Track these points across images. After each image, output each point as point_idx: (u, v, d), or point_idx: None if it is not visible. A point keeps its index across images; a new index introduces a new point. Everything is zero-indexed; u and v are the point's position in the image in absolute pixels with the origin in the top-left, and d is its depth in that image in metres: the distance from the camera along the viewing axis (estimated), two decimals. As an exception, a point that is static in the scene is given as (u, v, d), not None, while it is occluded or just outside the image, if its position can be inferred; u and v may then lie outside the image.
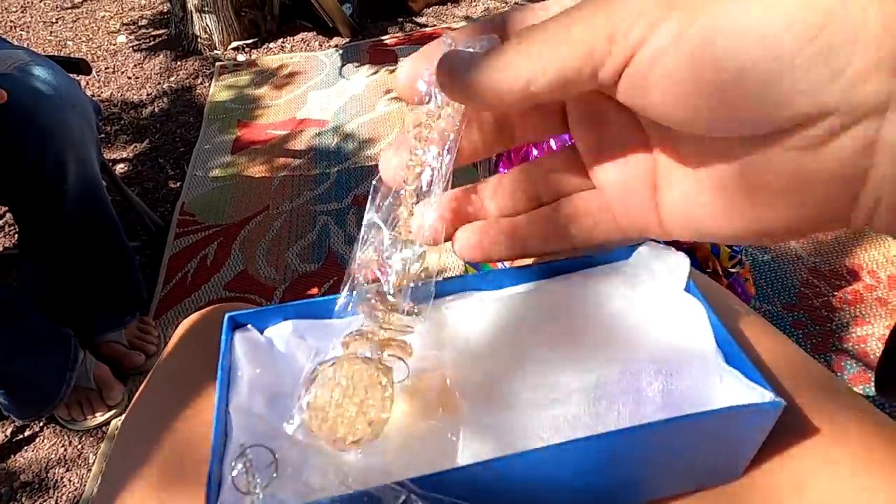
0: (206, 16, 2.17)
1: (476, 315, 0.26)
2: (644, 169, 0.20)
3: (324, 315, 0.27)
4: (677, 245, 0.61)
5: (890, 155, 0.15)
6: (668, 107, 0.17)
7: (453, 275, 0.44)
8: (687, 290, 0.26)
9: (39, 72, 0.93)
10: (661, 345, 0.24)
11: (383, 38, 2.16)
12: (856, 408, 0.26)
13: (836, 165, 0.16)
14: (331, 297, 0.27)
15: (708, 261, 0.62)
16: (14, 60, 0.93)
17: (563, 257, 0.26)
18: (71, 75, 1.09)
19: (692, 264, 0.27)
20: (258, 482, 0.20)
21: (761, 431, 0.23)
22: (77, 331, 1.12)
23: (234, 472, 0.20)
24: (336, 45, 2.17)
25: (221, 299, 1.30)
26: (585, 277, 0.27)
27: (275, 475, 0.20)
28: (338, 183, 1.54)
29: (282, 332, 0.27)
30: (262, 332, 0.27)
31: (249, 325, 0.27)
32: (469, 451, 0.23)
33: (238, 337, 0.26)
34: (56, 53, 2.56)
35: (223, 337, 0.26)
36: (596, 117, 0.20)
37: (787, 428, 0.25)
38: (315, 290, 1.27)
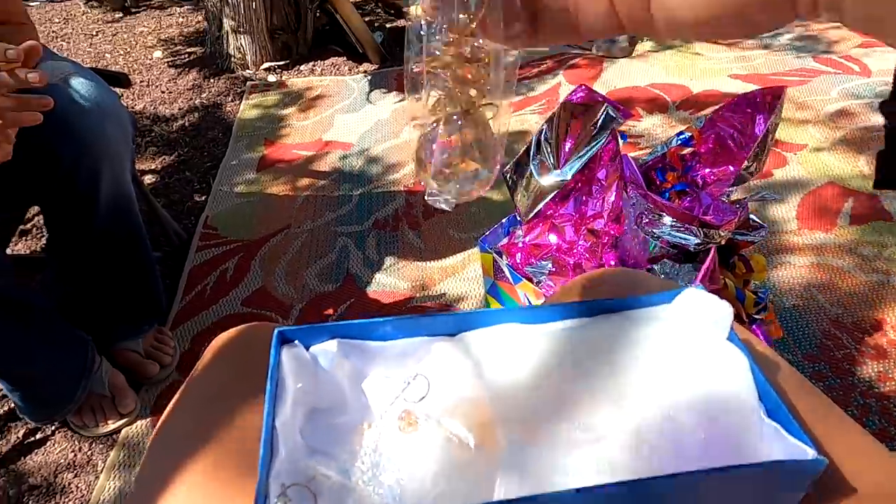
0: (241, 36, 2.23)
1: (518, 348, 0.27)
2: None
3: (368, 337, 0.28)
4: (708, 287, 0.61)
5: None
6: None
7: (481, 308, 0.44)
8: (729, 339, 0.26)
9: (82, 84, 0.96)
10: (703, 393, 0.24)
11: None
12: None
13: None
14: (375, 320, 0.28)
15: (733, 306, 0.61)
16: (61, 72, 0.96)
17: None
18: (111, 88, 1.12)
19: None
20: None
21: (801, 488, 0.23)
22: (95, 337, 1.13)
23: None
24: (365, 71, 2.22)
25: (238, 315, 1.31)
26: (628, 319, 0.27)
27: None
28: (359, 206, 1.56)
29: (326, 350, 0.27)
30: (307, 349, 0.28)
31: (296, 341, 0.28)
32: (506, 487, 0.23)
33: (285, 352, 0.27)
34: (94, 65, 2.64)
35: (272, 351, 0.26)
36: None
37: (827, 488, 0.25)
38: (331, 311, 1.28)
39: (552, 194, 0.70)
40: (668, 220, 0.57)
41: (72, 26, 3.16)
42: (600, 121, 0.67)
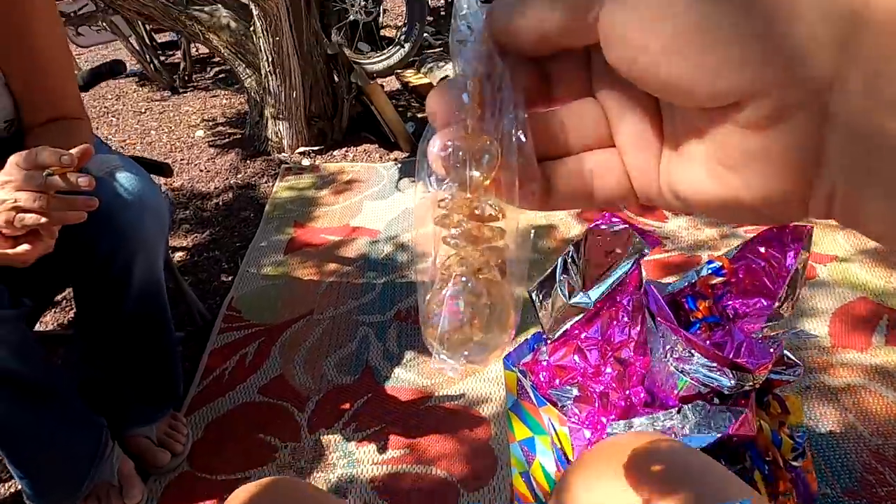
0: (280, 122, 2.34)
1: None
2: (654, 131, 0.20)
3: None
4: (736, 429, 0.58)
5: (840, 137, 0.15)
6: (625, 64, 0.18)
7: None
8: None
9: (127, 178, 1.00)
10: None
11: (441, 156, 2.27)
12: None
13: (786, 146, 0.16)
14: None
15: (768, 450, 0.59)
16: (108, 165, 1.01)
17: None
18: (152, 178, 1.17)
19: (751, 452, 0.25)
20: None
21: None
22: (109, 420, 1.12)
23: None
24: (395, 159, 2.29)
25: (254, 404, 1.29)
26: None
27: None
28: (382, 294, 1.57)
29: None
30: None
31: None
32: None
33: None
34: (139, 141, 2.77)
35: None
36: (614, 75, 0.20)
37: None
38: (347, 405, 1.25)
39: (578, 317, 0.69)
40: (698, 358, 0.56)
41: (123, 102, 3.35)
42: (626, 247, 0.67)
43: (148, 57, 3.39)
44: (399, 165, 2.23)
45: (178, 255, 1.85)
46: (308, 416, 1.25)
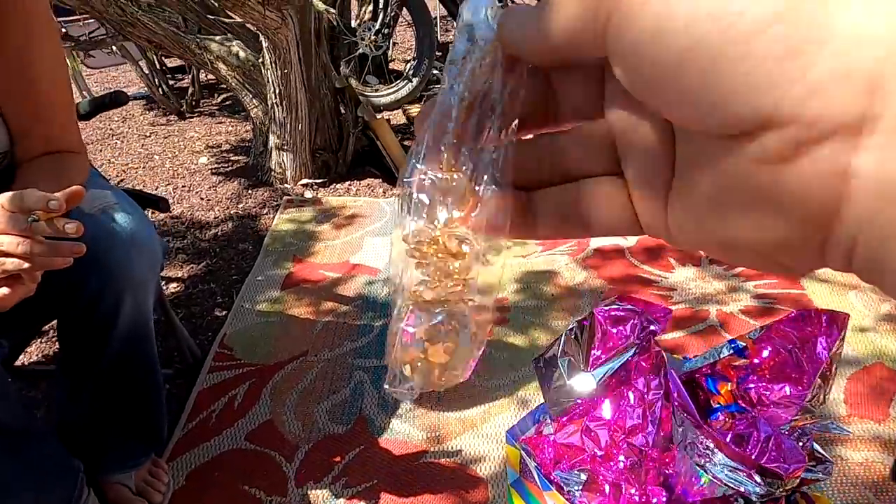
0: (285, 153, 2.32)
1: None
2: (666, 160, 0.19)
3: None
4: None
5: (867, 192, 0.13)
6: (633, 78, 0.16)
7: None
8: None
9: (120, 216, 0.97)
10: None
11: (445, 194, 2.25)
12: None
13: (801, 190, 0.14)
14: None
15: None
16: (101, 202, 0.97)
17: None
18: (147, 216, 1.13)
19: None
20: None
21: None
22: (86, 464, 1.07)
23: None
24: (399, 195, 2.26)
25: (241, 451, 1.23)
26: None
27: None
28: (380, 338, 1.52)
29: None
30: None
31: None
32: None
33: None
34: (142, 164, 2.75)
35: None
36: (628, 97, 0.19)
37: None
38: (338, 458, 1.20)
39: (582, 395, 0.65)
40: (722, 458, 0.51)
41: (128, 125, 3.35)
42: (635, 331, 0.63)
43: (156, 81, 3.40)
44: (402, 201, 2.20)
45: (172, 287, 1.81)
46: (296, 467, 1.19)
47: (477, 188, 0.21)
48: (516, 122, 0.21)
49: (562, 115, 0.22)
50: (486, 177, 0.21)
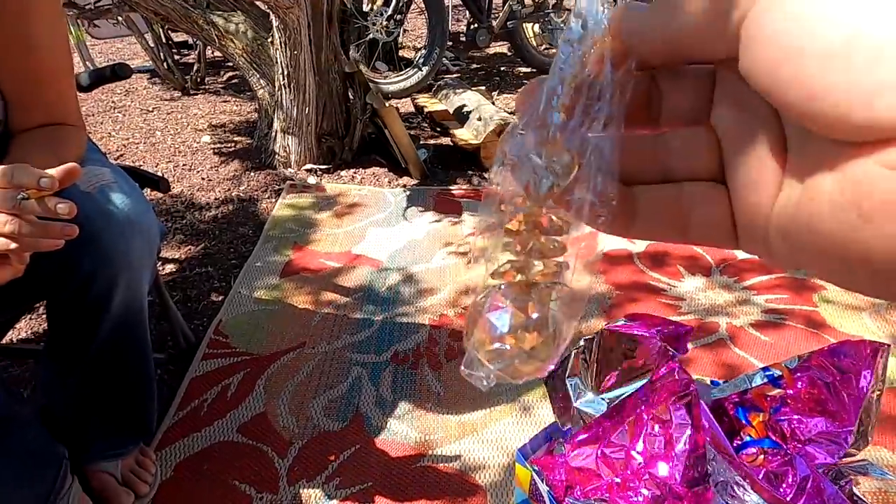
0: (289, 136, 2.27)
1: None
2: (775, 168, 0.18)
3: None
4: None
5: None
6: (764, 75, 0.16)
7: None
8: None
9: (117, 196, 0.92)
10: None
11: (451, 187, 2.20)
12: None
13: None
14: None
15: None
16: (98, 180, 0.93)
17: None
18: (146, 195, 1.09)
19: None
20: None
21: None
22: (71, 451, 1.03)
23: None
24: (404, 186, 2.22)
25: (232, 443, 1.19)
26: None
27: None
28: (380, 333, 1.48)
29: None
30: None
31: None
32: None
33: None
34: (143, 140, 2.70)
35: None
36: (740, 101, 0.19)
37: None
38: (332, 456, 1.16)
39: (592, 417, 0.61)
40: (757, 498, 0.47)
41: (131, 99, 3.29)
42: (650, 356, 0.59)
43: (162, 55, 3.33)
44: (407, 193, 2.15)
45: (168, 268, 1.76)
46: (289, 463, 1.15)
47: (584, 170, 0.20)
48: (623, 114, 0.20)
49: (664, 117, 0.21)
50: (593, 160, 0.20)
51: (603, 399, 0.63)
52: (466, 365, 0.22)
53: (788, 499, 0.48)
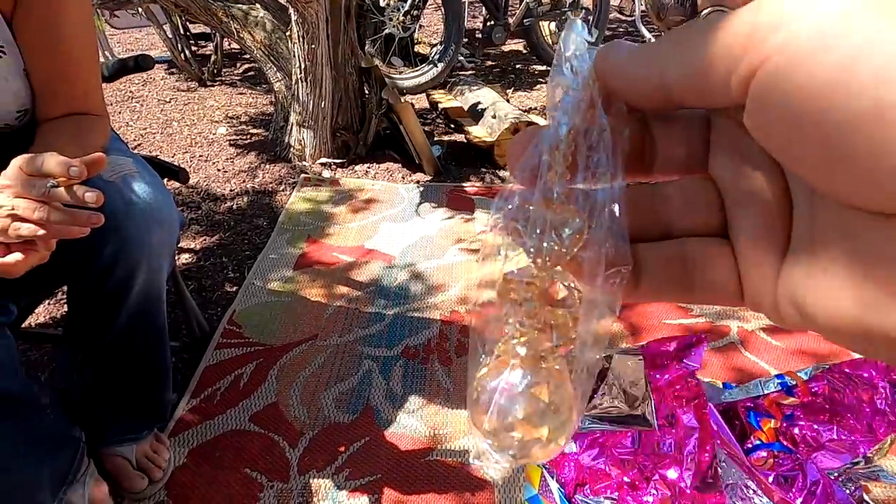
0: (305, 130, 2.28)
1: None
2: (780, 225, 0.17)
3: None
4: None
5: None
6: (778, 137, 0.14)
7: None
8: None
9: (139, 186, 0.93)
10: None
11: (464, 184, 2.21)
12: None
13: None
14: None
15: None
16: (121, 170, 0.94)
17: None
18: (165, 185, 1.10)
19: None
20: None
21: None
22: (87, 434, 1.05)
23: None
24: (418, 182, 2.23)
25: (244, 432, 1.21)
26: None
27: None
28: (391, 327, 1.49)
29: None
30: None
31: None
32: None
33: None
34: (160, 130, 2.72)
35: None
36: (739, 150, 0.18)
37: None
38: (342, 448, 1.17)
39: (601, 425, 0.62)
40: (766, 501, 0.48)
41: (149, 89, 3.32)
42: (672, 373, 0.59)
43: (180, 46, 3.36)
44: (421, 189, 2.16)
45: (184, 258, 1.78)
46: (300, 453, 1.16)
47: (594, 231, 0.18)
48: (623, 163, 0.19)
49: (657, 165, 0.20)
50: (604, 220, 0.18)
51: (597, 421, 0.63)
52: (476, 457, 0.20)
53: (798, 502, 0.49)
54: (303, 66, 2.13)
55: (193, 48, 3.59)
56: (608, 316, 0.19)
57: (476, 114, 2.48)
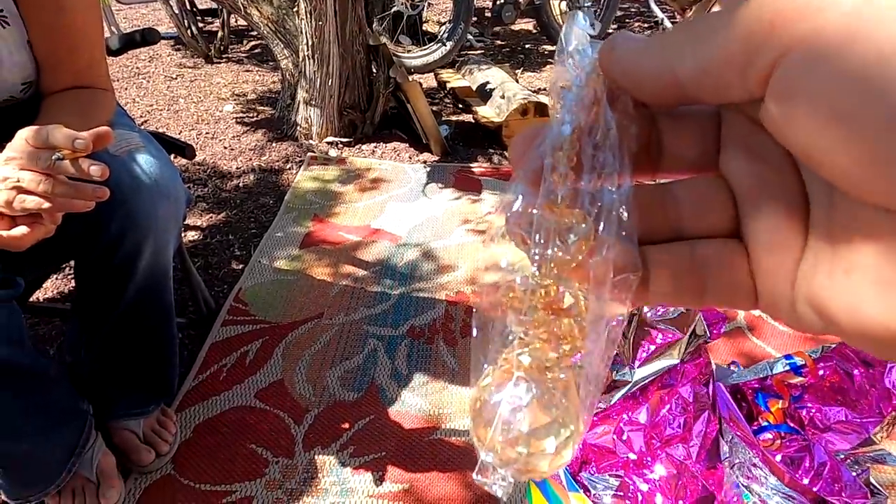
0: (312, 108, 2.27)
1: None
2: (796, 225, 0.16)
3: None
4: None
5: None
6: (804, 135, 0.14)
7: None
8: None
9: (145, 161, 0.93)
10: None
11: (471, 165, 2.19)
12: None
13: None
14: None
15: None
16: (128, 144, 0.94)
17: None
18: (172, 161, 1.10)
19: None
20: None
21: None
22: (95, 407, 1.06)
23: None
24: (425, 162, 2.21)
25: (249, 408, 1.22)
26: None
27: None
28: (397, 307, 1.49)
29: None
30: None
31: None
32: None
33: None
34: (167, 107, 2.71)
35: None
36: (752, 147, 0.17)
37: None
38: (347, 425, 1.18)
39: (619, 393, 0.61)
40: (775, 482, 0.47)
41: (155, 65, 3.30)
42: (685, 329, 0.59)
43: (186, 22, 3.33)
44: (428, 169, 2.15)
45: (191, 235, 1.79)
46: (304, 430, 1.17)
47: (601, 235, 0.17)
48: (630, 163, 0.18)
49: (665, 163, 0.19)
50: (612, 223, 0.17)
51: (634, 373, 0.62)
52: (480, 472, 0.19)
53: (804, 482, 0.49)
54: (310, 43, 2.11)
55: (200, 24, 3.56)
56: (616, 325, 0.18)
57: (484, 94, 2.45)
